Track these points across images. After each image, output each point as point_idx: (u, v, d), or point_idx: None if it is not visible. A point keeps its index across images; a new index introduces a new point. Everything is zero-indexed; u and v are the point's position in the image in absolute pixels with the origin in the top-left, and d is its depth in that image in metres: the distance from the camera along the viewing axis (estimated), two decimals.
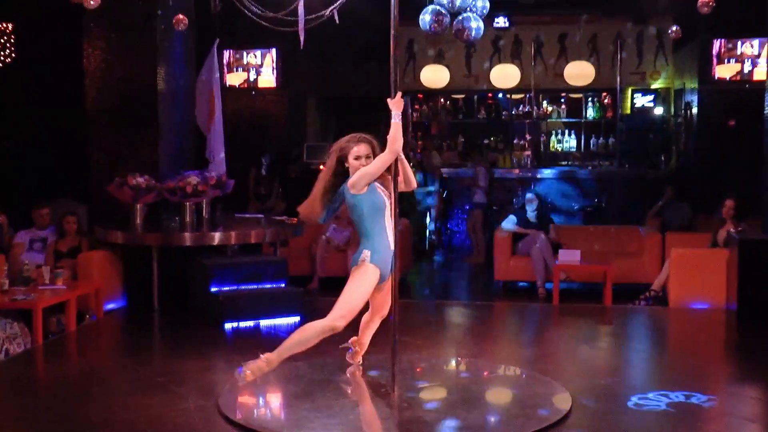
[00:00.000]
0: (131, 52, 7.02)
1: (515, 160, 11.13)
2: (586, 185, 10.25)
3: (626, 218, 8.71)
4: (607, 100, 11.38)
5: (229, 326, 6.00)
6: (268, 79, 10.23)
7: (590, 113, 11.49)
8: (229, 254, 6.78)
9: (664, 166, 10.55)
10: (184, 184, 6.74)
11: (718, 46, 9.54)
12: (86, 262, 6.49)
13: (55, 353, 5.51)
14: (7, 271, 5.93)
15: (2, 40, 8.39)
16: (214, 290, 6.22)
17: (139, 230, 6.69)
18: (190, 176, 6.80)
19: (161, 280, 6.58)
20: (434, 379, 4.74)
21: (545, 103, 11.57)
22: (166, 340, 6.03)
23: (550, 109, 11.58)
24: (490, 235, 8.66)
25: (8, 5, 8.73)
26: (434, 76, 10.97)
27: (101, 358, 5.54)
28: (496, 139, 11.61)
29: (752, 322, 6.11)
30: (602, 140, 11.32)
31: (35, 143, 8.83)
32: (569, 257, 7.13)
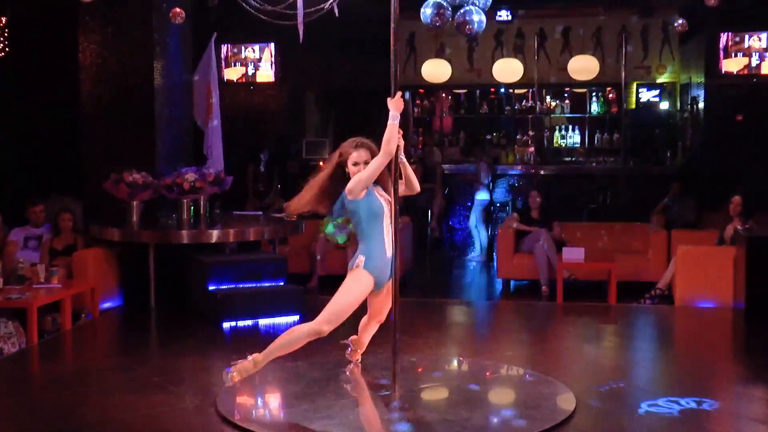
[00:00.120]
0: (127, 46, 6.97)
1: (518, 156, 11.03)
2: (590, 182, 10.13)
3: (631, 215, 8.61)
4: (611, 94, 11.27)
5: (227, 325, 5.95)
6: (266, 73, 10.14)
7: (594, 108, 11.38)
8: (227, 252, 6.72)
9: (669, 162, 10.45)
10: (181, 180, 6.69)
11: (725, 39, 9.40)
12: (82, 260, 6.43)
13: (50, 353, 5.46)
14: (1, 269, 5.87)
15: None
16: (212, 288, 6.16)
17: (135, 227, 6.63)
18: (187, 173, 6.75)
19: (158, 278, 6.53)
20: (435, 379, 4.69)
21: (549, 98, 11.46)
22: (163, 339, 5.97)
23: (553, 104, 11.47)
24: (492, 232, 8.57)
25: None
26: (436, 70, 10.85)
27: (97, 357, 5.49)
28: (498, 134, 11.52)
29: (760, 321, 6.03)
30: (607, 136, 11.20)
31: (29, 139, 8.76)
32: (573, 255, 7.05)
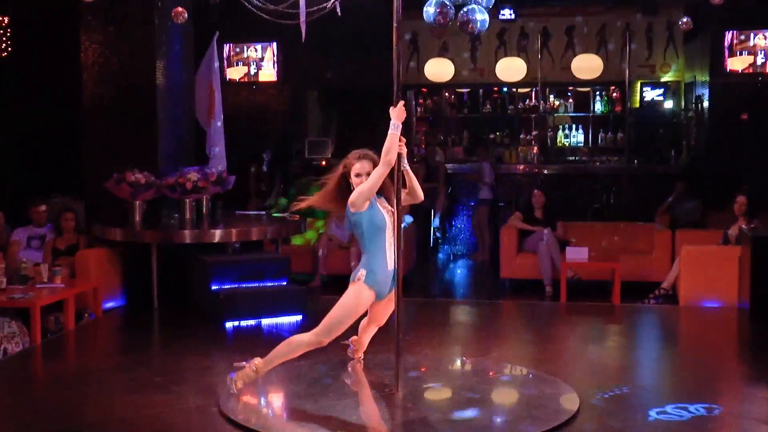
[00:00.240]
0: (129, 45, 6.95)
1: (521, 155, 10.99)
2: (593, 181, 10.09)
3: (635, 215, 8.57)
4: (615, 93, 11.21)
5: (230, 325, 5.94)
6: (268, 73, 10.13)
7: (598, 107, 11.33)
8: (229, 252, 6.70)
9: (674, 161, 10.39)
10: (183, 180, 6.67)
11: (730, 37, 9.35)
12: (84, 260, 6.42)
13: (53, 352, 5.47)
14: (4, 269, 5.87)
15: None
16: (214, 288, 6.15)
17: (138, 227, 6.62)
18: (189, 172, 6.73)
19: (161, 278, 6.52)
20: (439, 378, 4.68)
21: (552, 97, 11.40)
22: (165, 339, 5.96)
23: (557, 103, 11.42)
24: (495, 232, 8.54)
25: None
26: (438, 69, 10.81)
27: (100, 357, 5.49)
28: (501, 133, 11.48)
29: (765, 320, 6.01)
30: (610, 135, 11.15)
31: (31, 139, 8.77)
32: (577, 254, 7.02)
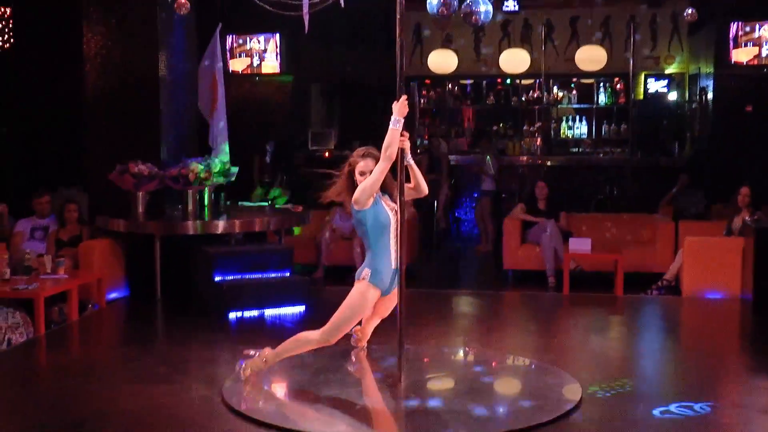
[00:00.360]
0: (132, 37, 6.93)
1: (525, 147, 10.97)
2: (597, 173, 10.07)
3: (638, 206, 8.55)
4: (619, 85, 11.18)
5: (233, 315, 5.95)
6: (271, 64, 10.09)
7: (602, 99, 11.30)
8: (232, 243, 6.70)
9: (677, 153, 10.37)
10: (186, 171, 6.66)
11: (734, 29, 9.28)
12: (88, 251, 6.43)
13: (57, 343, 5.48)
14: (8, 260, 5.88)
15: (0, 24, 8.28)
16: (217, 279, 6.15)
17: (141, 219, 6.62)
18: (192, 164, 6.71)
19: (164, 269, 6.52)
20: (441, 369, 4.69)
21: (556, 88, 11.38)
22: (169, 329, 5.97)
23: (560, 94, 11.39)
24: (498, 223, 8.53)
25: None
26: (442, 61, 10.78)
27: (103, 348, 5.51)
28: (505, 125, 11.45)
29: None
30: (614, 127, 11.13)
31: (34, 131, 8.76)
32: (580, 246, 7.01)
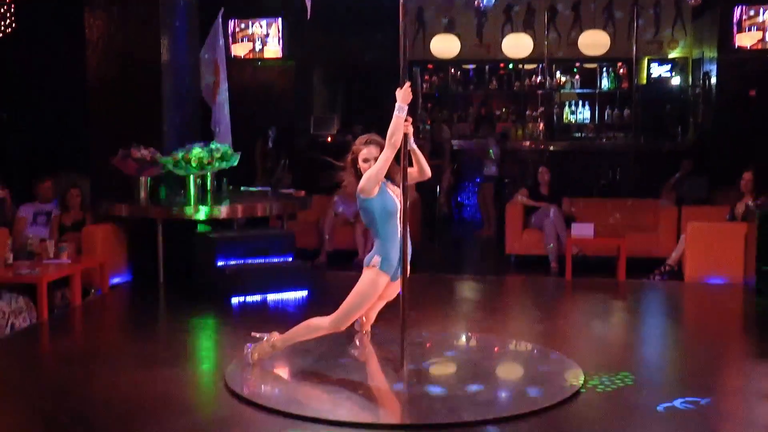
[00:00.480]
0: (134, 22, 6.90)
1: (527, 132, 10.93)
2: (600, 158, 10.04)
3: (641, 191, 8.53)
4: (622, 70, 11.12)
5: (235, 300, 5.95)
6: (274, 49, 10.05)
7: (605, 84, 11.24)
8: (235, 228, 6.69)
9: (681, 138, 10.33)
10: (189, 156, 6.64)
11: (738, 13, 9.22)
12: (91, 236, 6.44)
13: (60, 328, 5.49)
14: (11, 245, 5.88)
15: (2, 9, 8.23)
16: (220, 264, 6.15)
17: (143, 203, 6.61)
18: (195, 149, 6.69)
19: (166, 254, 6.52)
20: (444, 354, 4.68)
21: (558, 73, 11.33)
22: (171, 314, 5.98)
23: (563, 79, 11.34)
24: (501, 208, 8.52)
25: None
26: (445, 45, 10.72)
27: (106, 332, 5.52)
28: (507, 110, 11.41)
29: None
30: (617, 112, 11.08)
31: (36, 115, 8.74)
32: (582, 231, 7.00)
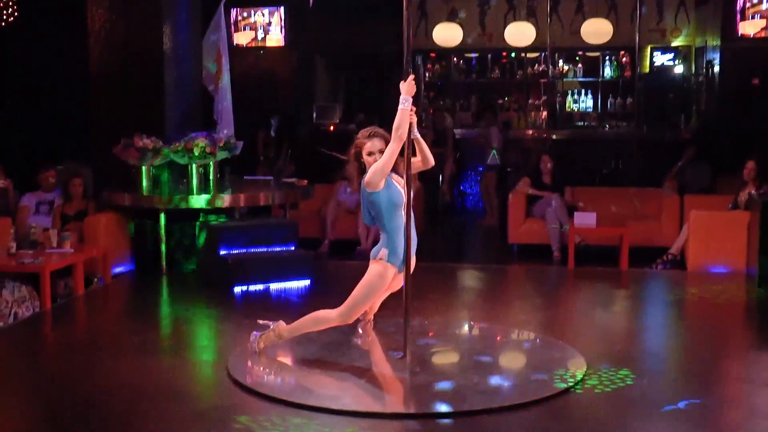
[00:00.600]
0: (136, 10, 6.89)
1: (530, 120, 10.90)
2: (602, 147, 10.01)
3: (644, 180, 8.51)
4: (625, 58, 11.05)
5: (238, 290, 5.96)
6: (276, 37, 10.03)
7: (608, 72, 11.18)
8: (237, 217, 6.70)
9: (684, 126, 10.29)
10: (191, 145, 6.64)
11: (741, 1, 9.15)
12: (93, 225, 6.44)
13: (63, 317, 5.51)
14: (14, 234, 5.90)
15: None
16: (222, 253, 6.15)
17: (146, 193, 6.60)
18: (197, 138, 6.69)
19: (169, 243, 6.52)
20: (447, 343, 4.69)
21: (561, 62, 11.26)
22: (174, 303, 6.00)
23: (566, 68, 11.28)
24: (503, 197, 8.51)
25: None
26: (447, 34, 10.67)
27: (109, 321, 5.53)
28: (510, 99, 11.37)
29: None
30: (620, 100, 11.02)
31: (39, 105, 8.73)
32: (585, 220, 6.99)
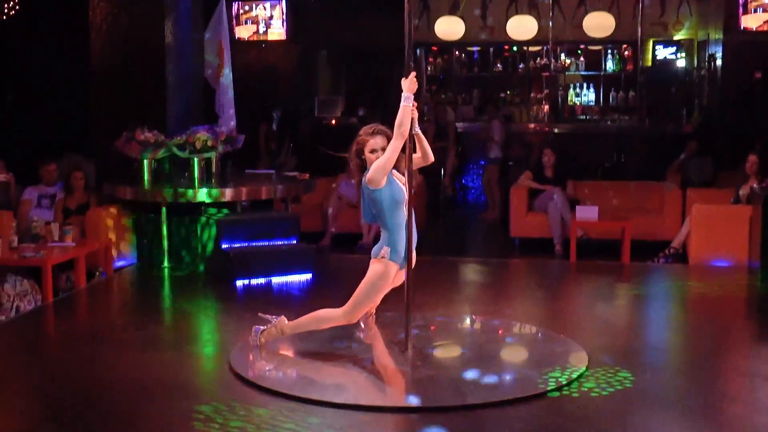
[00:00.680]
0: (138, 4, 6.91)
1: (532, 114, 10.89)
2: (604, 140, 10.00)
3: (646, 174, 8.51)
4: (627, 52, 11.05)
5: (240, 283, 5.96)
6: (277, 31, 10.01)
7: (610, 66, 11.17)
8: (239, 211, 6.70)
9: (686, 120, 10.29)
10: (193, 139, 6.63)
11: None
12: (95, 218, 6.44)
13: (65, 310, 5.51)
14: (15, 228, 5.89)
15: None
16: (224, 247, 6.16)
17: (148, 186, 6.60)
18: (199, 131, 6.68)
19: (171, 236, 6.51)
20: (448, 337, 4.69)
21: (563, 55, 11.26)
22: (176, 297, 6.00)
23: (568, 61, 11.27)
24: (505, 190, 8.51)
25: None
26: (449, 27, 10.63)
27: (111, 315, 5.54)
28: (512, 92, 11.35)
29: None
30: (622, 94, 11.02)
31: (40, 98, 8.73)
32: (587, 214, 6.99)
